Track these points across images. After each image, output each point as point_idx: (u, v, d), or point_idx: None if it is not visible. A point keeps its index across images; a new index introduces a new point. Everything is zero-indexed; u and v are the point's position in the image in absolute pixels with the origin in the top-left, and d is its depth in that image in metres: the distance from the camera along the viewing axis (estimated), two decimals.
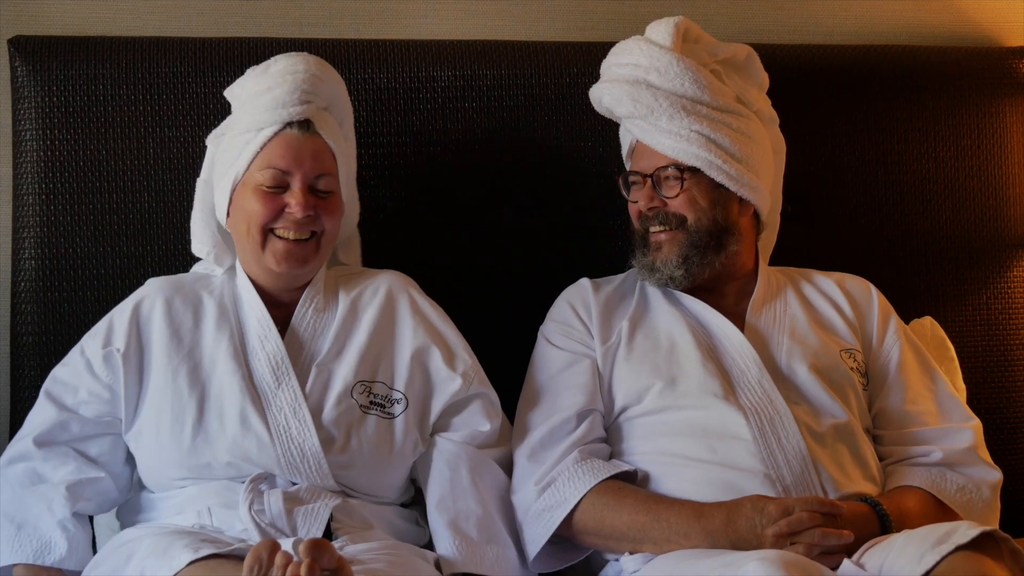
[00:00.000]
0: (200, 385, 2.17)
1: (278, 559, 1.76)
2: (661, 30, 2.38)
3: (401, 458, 2.22)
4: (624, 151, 2.47)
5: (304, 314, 2.27)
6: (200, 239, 2.33)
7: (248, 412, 2.14)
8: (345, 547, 2.02)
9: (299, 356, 2.23)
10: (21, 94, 2.50)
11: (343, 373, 2.22)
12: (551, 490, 2.20)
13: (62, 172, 2.49)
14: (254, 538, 1.99)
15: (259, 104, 2.21)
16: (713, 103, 2.33)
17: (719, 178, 2.31)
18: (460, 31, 2.76)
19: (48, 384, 2.22)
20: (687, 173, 2.31)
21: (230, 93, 2.32)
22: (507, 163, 2.63)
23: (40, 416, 2.19)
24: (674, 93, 2.32)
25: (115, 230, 2.50)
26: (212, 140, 2.33)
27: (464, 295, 2.58)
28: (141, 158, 2.52)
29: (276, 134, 2.20)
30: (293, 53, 2.30)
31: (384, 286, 2.33)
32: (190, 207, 2.36)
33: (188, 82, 2.52)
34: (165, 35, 2.60)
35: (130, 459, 2.21)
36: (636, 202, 2.38)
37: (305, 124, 2.22)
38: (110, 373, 2.19)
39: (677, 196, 2.32)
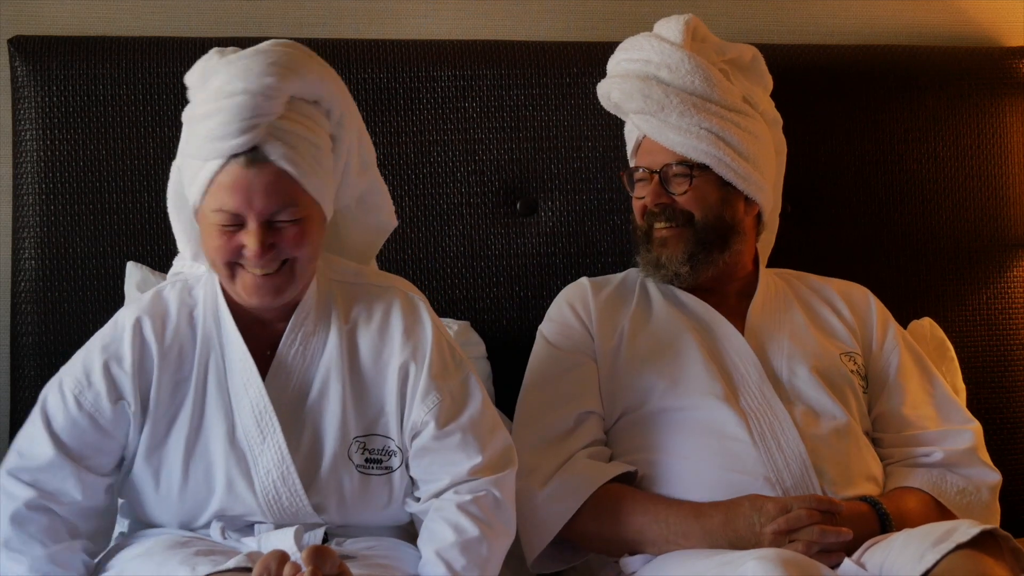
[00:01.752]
0: (187, 443, 2.00)
1: (287, 571, 1.73)
2: (672, 27, 2.38)
3: (399, 504, 2.09)
4: (630, 147, 2.46)
5: (293, 339, 2.04)
6: (184, 242, 2.14)
7: (233, 476, 1.99)
8: (344, 543, 2.01)
9: (286, 389, 2.03)
10: (21, 94, 2.50)
11: (336, 426, 2.03)
12: (552, 494, 2.19)
13: (62, 172, 2.49)
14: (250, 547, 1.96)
15: (200, 130, 1.94)
16: (722, 102, 2.33)
17: (728, 176, 2.31)
18: (460, 31, 2.76)
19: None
20: (696, 170, 2.31)
21: (189, 81, 2.04)
22: (507, 163, 2.63)
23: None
24: (684, 90, 2.32)
25: (115, 230, 2.50)
26: (185, 119, 2.02)
27: (464, 295, 2.58)
28: (141, 158, 2.51)
29: (221, 168, 1.92)
30: (238, 55, 1.97)
31: (385, 307, 2.09)
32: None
33: None
34: (165, 35, 2.60)
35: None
36: (642, 198, 2.37)
37: (252, 153, 1.91)
38: (121, 426, 2.01)
39: (685, 193, 2.32)
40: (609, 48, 2.50)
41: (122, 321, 2.05)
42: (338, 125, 2.05)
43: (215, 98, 1.92)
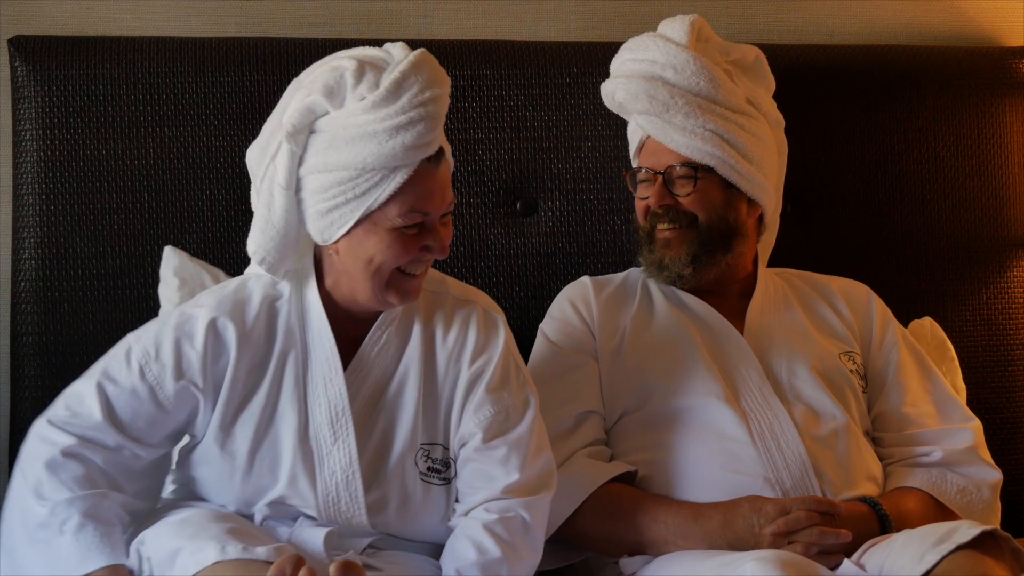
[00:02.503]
0: (256, 431, 2.01)
1: (302, 574, 1.73)
2: (676, 28, 2.37)
3: (450, 514, 2.10)
4: (633, 148, 2.46)
5: (379, 337, 2.08)
6: (269, 250, 2.05)
7: (298, 472, 2.00)
8: (376, 555, 2.01)
9: (363, 386, 2.06)
10: (21, 94, 2.50)
11: (407, 429, 2.05)
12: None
13: (62, 172, 2.49)
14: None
15: (395, 141, 1.94)
16: (727, 103, 2.33)
17: (732, 178, 2.31)
18: (460, 31, 2.76)
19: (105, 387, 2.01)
20: (701, 172, 2.31)
21: (327, 90, 1.98)
22: (507, 163, 2.63)
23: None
24: (690, 91, 2.32)
25: (115, 230, 2.50)
26: (292, 139, 2.00)
27: None
28: (141, 158, 2.51)
29: (414, 172, 1.96)
30: (418, 66, 1.98)
31: (464, 318, 2.13)
32: (190, 207, 2.34)
33: (188, 82, 2.52)
34: (165, 35, 2.60)
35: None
36: (645, 199, 2.37)
37: (439, 154, 2.01)
38: (181, 406, 2.01)
39: (690, 194, 2.32)
40: (609, 48, 2.50)
41: (203, 302, 2.07)
42: None
43: (413, 107, 1.94)
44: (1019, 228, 2.80)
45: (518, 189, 2.64)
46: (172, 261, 2.44)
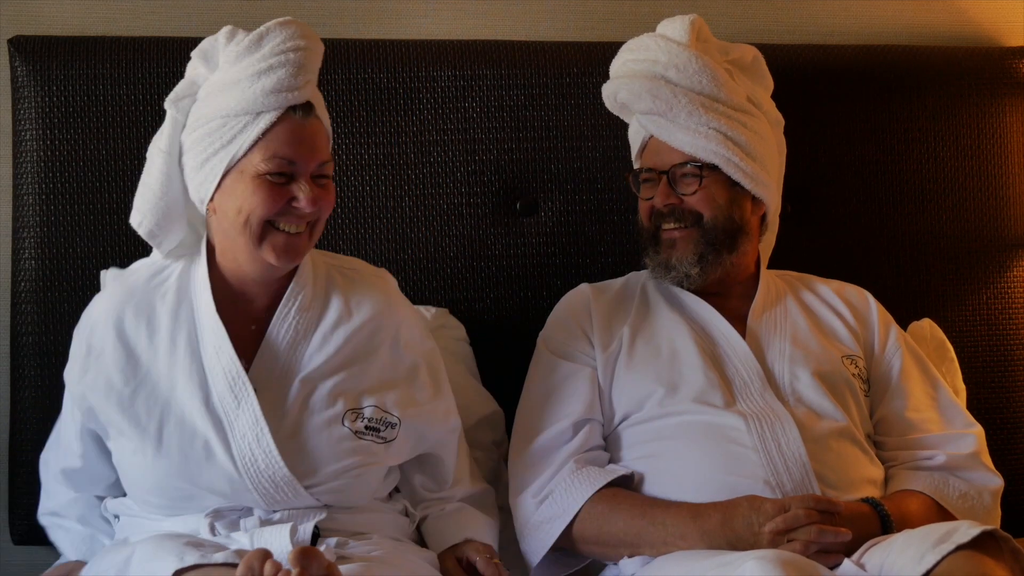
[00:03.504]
0: (158, 409, 2.05)
1: (267, 569, 1.74)
2: (677, 27, 2.37)
3: (393, 473, 2.17)
4: (635, 149, 2.45)
5: (287, 313, 2.12)
6: (146, 213, 2.14)
7: (211, 440, 2.02)
8: (347, 544, 2.01)
9: (276, 362, 2.09)
10: (21, 94, 2.50)
11: (332, 393, 2.09)
12: (549, 501, 2.20)
13: (62, 172, 2.49)
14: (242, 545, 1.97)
15: (256, 86, 2.03)
16: (729, 102, 2.33)
17: (736, 176, 2.31)
18: (460, 31, 2.76)
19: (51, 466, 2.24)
20: (705, 170, 2.31)
21: (202, 54, 2.14)
22: (507, 163, 2.63)
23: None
24: (692, 90, 2.32)
25: (115, 230, 2.50)
26: (173, 104, 2.12)
27: (464, 295, 2.58)
28: (141, 158, 2.49)
29: (278, 120, 2.04)
30: (284, 23, 2.10)
31: (383, 292, 2.22)
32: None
33: None
34: (165, 35, 2.60)
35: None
36: (649, 199, 2.37)
37: (307, 107, 2.07)
38: (86, 418, 2.13)
39: (695, 193, 2.31)
40: (609, 48, 2.50)
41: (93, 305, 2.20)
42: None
43: (275, 54, 2.04)
44: (1019, 228, 2.80)
45: (518, 189, 2.64)
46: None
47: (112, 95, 2.51)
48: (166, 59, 2.52)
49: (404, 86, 2.60)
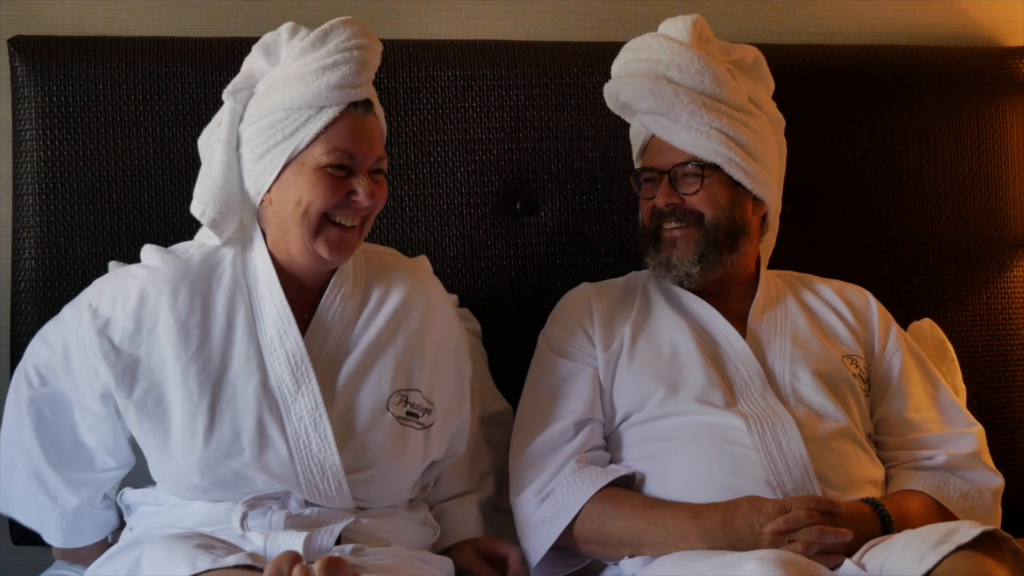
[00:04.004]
0: (211, 386, 2.05)
1: (296, 572, 1.74)
2: (679, 27, 2.37)
3: (426, 465, 2.19)
4: (636, 149, 2.45)
5: (333, 300, 2.16)
6: (208, 203, 2.15)
7: (266, 421, 2.04)
8: (363, 551, 2.01)
9: (323, 348, 2.13)
10: (21, 94, 2.50)
11: (378, 378, 2.14)
12: (550, 501, 2.20)
13: (62, 172, 2.49)
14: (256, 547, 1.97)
15: (321, 80, 2.07)
16: (731, 101, 2.33)
17: (738, 176, 2.31)
18: (460, 31, 2.76)
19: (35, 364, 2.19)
20: (707, 170, 2.31)
21: (264, 48, 2.17)
22: (507, 163, 2.63)
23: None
24: (694, 90, 2.32)
25: (115, 230, 2.50)
26: (231, 96, 2.15)
27: (464, 295, 2.57)
28: (141, 158, 2.52)
29: (340, 115, 2.08)
30: (348, 21, 2.14)
31: (419, 277, 2.28)
32: (190, 207, 2.34)
33: (188, 82, 2.52)
34: (165, 35, 2.60)
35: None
36: (650, 199, 2.37)
37: (367, 104, 2.12)
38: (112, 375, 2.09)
39: (696, 193, 2.31)
40: (609, 48, 2.50)
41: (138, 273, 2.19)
42: None
43: (340, 51, 2.09)
44: (1019, 228, 2.80)
45: (518, 189, 2.64)
46: None
47: (112, 95, 2.51)
48: (166, 59, 2.52)
49: (404, 86, 2.61)
